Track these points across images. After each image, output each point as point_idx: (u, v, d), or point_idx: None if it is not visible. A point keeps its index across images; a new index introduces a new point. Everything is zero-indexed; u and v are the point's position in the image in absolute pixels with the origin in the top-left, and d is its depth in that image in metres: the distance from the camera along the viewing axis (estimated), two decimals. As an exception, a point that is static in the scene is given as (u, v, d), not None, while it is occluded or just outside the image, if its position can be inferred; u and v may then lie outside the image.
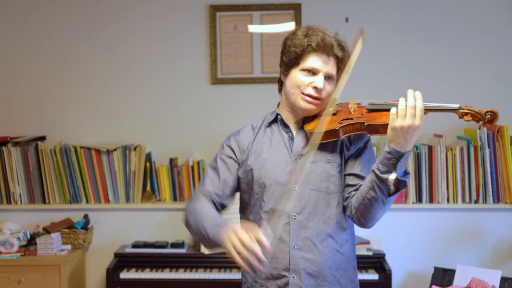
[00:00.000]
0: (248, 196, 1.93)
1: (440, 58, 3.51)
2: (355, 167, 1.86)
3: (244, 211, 1.97)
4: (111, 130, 3.59)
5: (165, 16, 3.57)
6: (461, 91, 3.49)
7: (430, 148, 3.35)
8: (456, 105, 1.66)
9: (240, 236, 1.60)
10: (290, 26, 3.49)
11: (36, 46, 3.59)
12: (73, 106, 3.61)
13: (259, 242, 1.59)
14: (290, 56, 1.85)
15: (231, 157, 1.94)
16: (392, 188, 1.68)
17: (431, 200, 3.37)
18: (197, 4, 3.56)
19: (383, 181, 1.67)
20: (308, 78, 1.83)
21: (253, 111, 2.11)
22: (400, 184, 1.68)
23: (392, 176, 1.66)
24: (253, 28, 3.55)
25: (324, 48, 1.81)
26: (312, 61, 1.82)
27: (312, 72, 1.83)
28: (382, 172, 1.67)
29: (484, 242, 3.40)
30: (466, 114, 1.64)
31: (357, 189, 1.82)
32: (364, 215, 1.77)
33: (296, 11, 3.51)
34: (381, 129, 1.73)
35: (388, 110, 1.72)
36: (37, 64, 3.60)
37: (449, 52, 3.51)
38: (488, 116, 1.63)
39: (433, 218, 3.40)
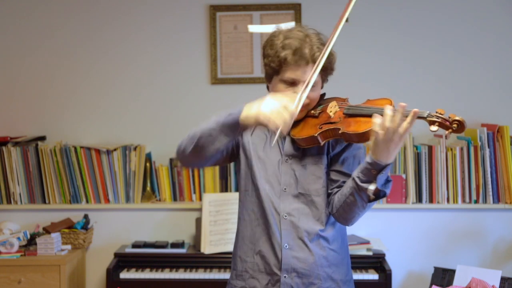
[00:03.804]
0: (243, 184, 1.92)
1: (440, 58, 3.51)
2: (338, 164, 1.86)
3: (240, 203, 1.96)
4: (111, 130, 3.59)
5: (165, 16, 3.57)
6: (461, 91, 3.49)
7: (430, 148, 3.35)
8: (425, 112, 1.61)
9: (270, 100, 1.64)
10: (290, 26, 3.49)
11: (36, 46, 3.59)
12: (73, 106, 3.61)
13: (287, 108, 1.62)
14: (268, 70, 1.84)
15: None
16: (371, 196, 1.69)
17: (431, 200, 3.37)
18: (197, 4, 3.56)
19: (363, 190, 1.68)
20: (289, 89, 1.81)
21: (253, 111, 2.10)
22: (380, 193, 1.69)
23: (372, 187, 1.66)
24: (253, 28, 3.54)
25: (301, 59, 1.77)
26: (290, 73, 1.79)
27: (292, 82, 1.80)
28: (362, 181, 1.67)
29: (484, 242, 3.40)
30: (434, 123, 1.60)
31: (339, 186, 1.83)
32: (344, 216, 1.79)
33: (296, 11, 3.51)
34: (355, 138, 1.70)
35: (365, 116, 1.69)
36: (37, 64, 3.60)
37: (449, 52, 3.51)
38: (455, 125, 1.59)
39: (433, 218, 3.40)
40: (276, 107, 1.62)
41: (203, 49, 3.57)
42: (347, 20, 3.89)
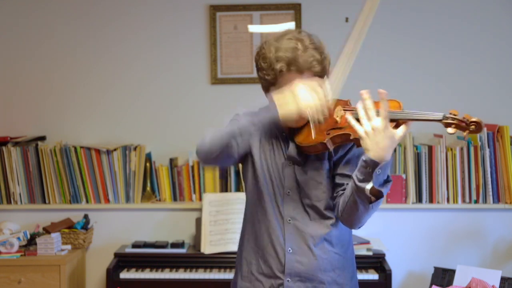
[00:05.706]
0: (249, 188, 1.91)
1: (441, 58, 3.51)
2: (341, 167, 1.82)
3: (246, 205, 1.96)
4: (111, 130, 3.59)
5: (165, 16, 3.57)
6: (462, 90, 3.49)
7: (430, 148, 3.35)
8: (440, 115, 1.56)
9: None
10: (290, 26, 3.49)
11: (36, 46, 3.59)
12: (73, 106, 3.61)
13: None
14: (264, 83, 1.82)
15: None
16: (372, 197, 1.63)
17: (431, 200, 3.37)
18: (197, 4, 3.56)
19: (360, 190, 1.63)
20: None
21: (253, 111, 2.10)
22: (379, 193, 1.63)
23: (368, 186, 1.60)
24: (253, 28, 3.54)
25: (297, 69, 1.74)
26: (286, 83, 1.75)
27: None
28: (360, 181, 1.62)
29: (484, 242, 3.40)
30: (450, 125, 1.54)
31: (344, 189, 1.80)
32: (349, 218, 1.74)
33: (296, 11, 3.51)
34: None
35: None
36: (37, 64, 3.60)
37: (449, 52, 3.51)
38: (473, 126, 1.53)
39: (433, 218, 3.40)
40: (313, 94, 1.63)
41: (203, 49, 3.57)
42: (346, 20, 3.91)
